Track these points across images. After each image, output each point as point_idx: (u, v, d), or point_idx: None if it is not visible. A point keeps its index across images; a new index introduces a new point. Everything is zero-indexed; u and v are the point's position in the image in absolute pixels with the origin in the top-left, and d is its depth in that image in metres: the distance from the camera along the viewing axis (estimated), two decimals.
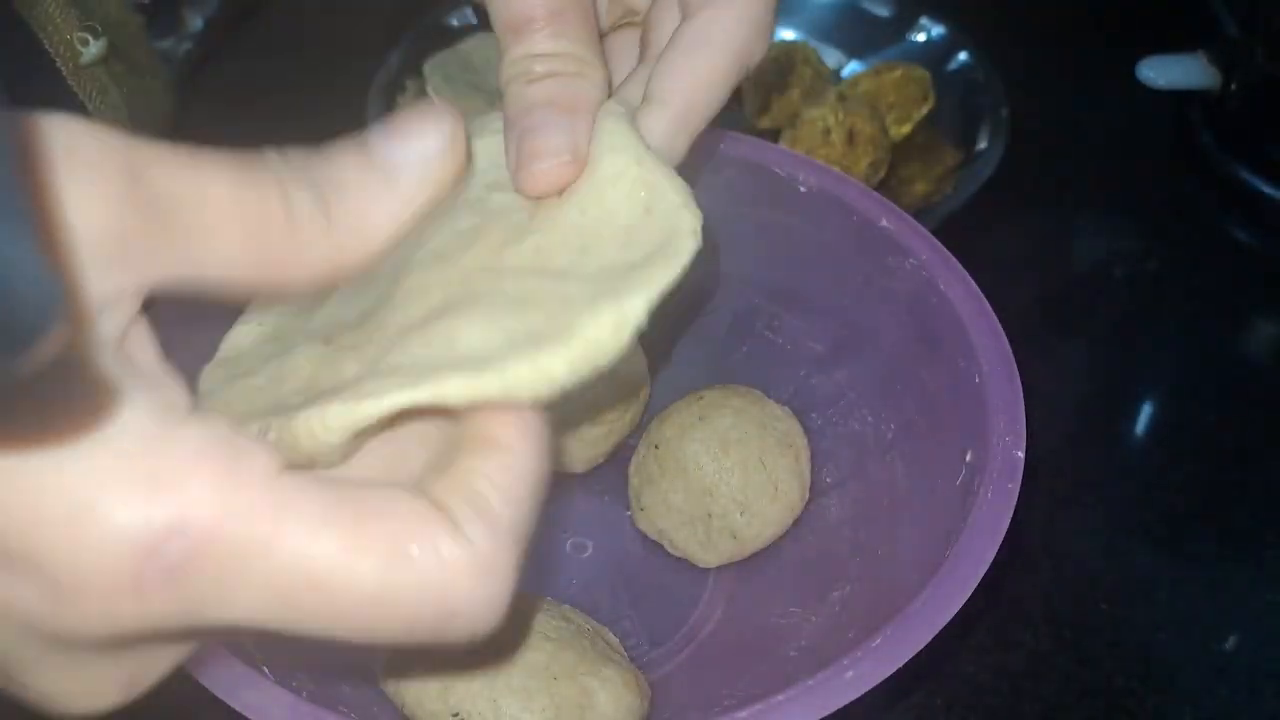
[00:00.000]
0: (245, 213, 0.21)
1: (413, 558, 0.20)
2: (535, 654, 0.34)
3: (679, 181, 0.28)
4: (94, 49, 0.42)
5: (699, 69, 0.30)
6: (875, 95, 0.60)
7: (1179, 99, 0.62)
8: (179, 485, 0.19)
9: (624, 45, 0.34)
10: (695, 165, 0.31)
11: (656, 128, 0.29)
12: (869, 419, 0.41)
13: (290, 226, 0.21)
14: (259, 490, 0.19)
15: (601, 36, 0.34)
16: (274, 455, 0.20)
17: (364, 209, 0.22)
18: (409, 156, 0.23)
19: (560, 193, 0.28)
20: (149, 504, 0.19)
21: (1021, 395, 0.35)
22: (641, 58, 0.32)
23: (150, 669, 0.22)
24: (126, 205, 0.20)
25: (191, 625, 0.20)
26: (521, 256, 0.26)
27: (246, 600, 0.20)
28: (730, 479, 0.40)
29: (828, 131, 0.55)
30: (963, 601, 0.30)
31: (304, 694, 0.29)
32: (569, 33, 0.29)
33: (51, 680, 0.21)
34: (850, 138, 0.55)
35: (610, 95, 0.30)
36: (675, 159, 0.30)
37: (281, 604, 0.20)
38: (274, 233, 0.21)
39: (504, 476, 0.22)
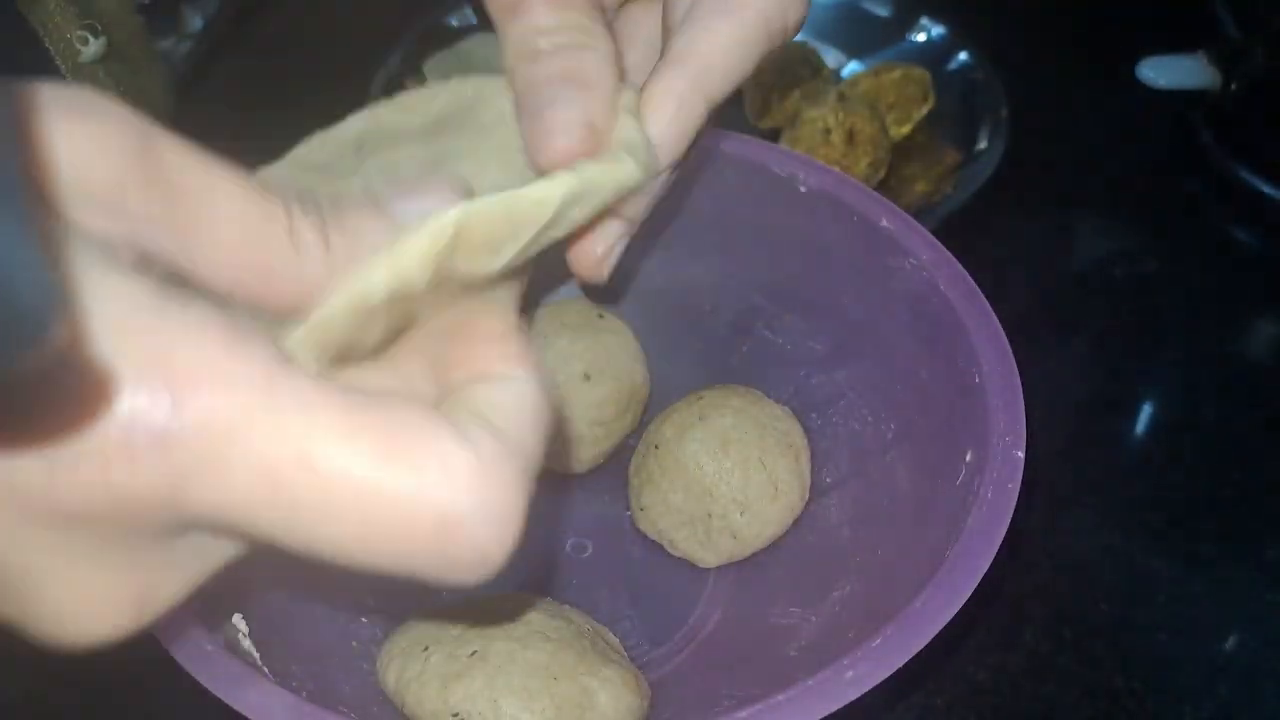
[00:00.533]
0: (249, 219, 0.21)
1: (411, 449, 0.20)
2: (535, 654, 0.34)
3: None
4: (93, 48, 0.42)
5: (720, 30, 0.29)
6: (875, 95, 0.60)
7: (1179, 99, 0.62)
8: (174, 352, 0.19)
9: (635, 21, 0.33)
10: (695, 165, 0.31)
11: (673, 86, 0.29)
12: (869, 419, 0.41)
13: (291, 245, 0.22)
14: (256, 366, 0.19)
15: (609, 14, 0.33)
16: (276, 349, 0.20)
17: (361, 246, 0.23)
18: (411, 211, 0.24)
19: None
20: (142, 370, 0.18)
21: (1021, 395, 0.35)
22: (665, 42, 0.31)
23: (160, 583, 0.21)
24: (133, 162, 0.20)
25: (180, 505, 0.20)
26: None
27: (234, 478, 0.19)
28: (730, 479, 0.40)
29: (828, 132, 0.55)
30: (963, 602, 0.30)
31: (304, 694, 0.29)
32: (569, 1, 0.28)
33: (58, 590, 0.20)
34: (850, 138, 0.55)
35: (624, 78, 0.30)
36: (690, 125, 0.29)
37: (270, 486, 0.19)
38: (274, 245, 0.22)
39: (506, 399, 0.22)
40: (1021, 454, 0.33)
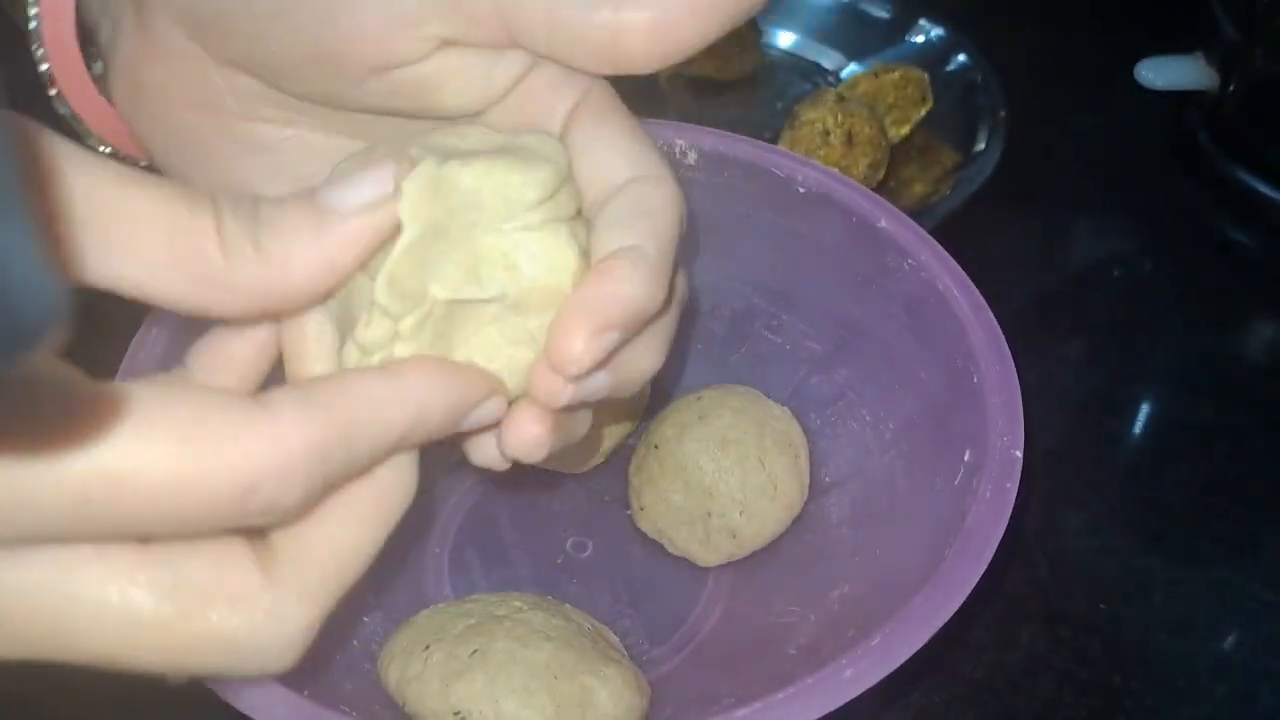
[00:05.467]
0: (173, 222, 0.21)
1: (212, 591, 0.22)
2: (536, 653, 0.34)
3: None
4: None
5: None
6: (874, 97, 0.60)
7: (1177, 100, 0.62)
8: None
9: None
10: (696, 166, 0.31)
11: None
12: (868, 419, 0.41)
13: (222, 245, 0.21)
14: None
15: None
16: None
17: (290, 245, 0.22)
18: (345, 203, 0.23)
19: None
20: None
21: (1020, 395, 0.35)
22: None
23: None
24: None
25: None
26: None
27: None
28: (729, 478, 0.40)
29: (827, 133, 0.55)
30: (961, 601, 0.30)
31: (305, 693, 0.29)
32: None
33: None
34: (849, 139, 0.55)
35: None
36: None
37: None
38: (204, 246, 0.21)
39: (322, 546, 0.23)
40: (1020, 454, 0.33)
